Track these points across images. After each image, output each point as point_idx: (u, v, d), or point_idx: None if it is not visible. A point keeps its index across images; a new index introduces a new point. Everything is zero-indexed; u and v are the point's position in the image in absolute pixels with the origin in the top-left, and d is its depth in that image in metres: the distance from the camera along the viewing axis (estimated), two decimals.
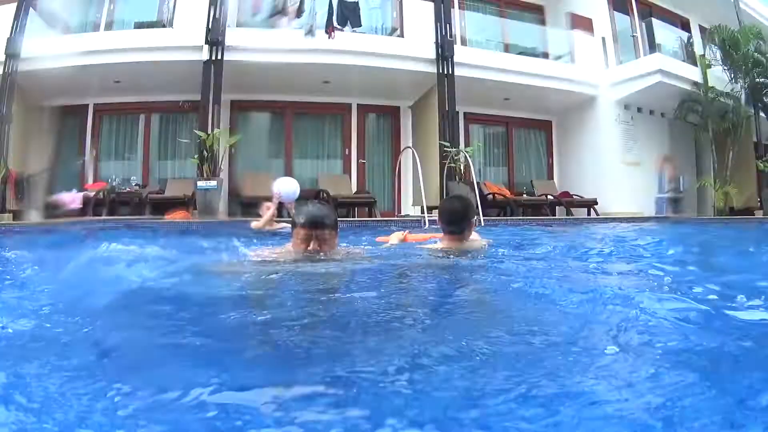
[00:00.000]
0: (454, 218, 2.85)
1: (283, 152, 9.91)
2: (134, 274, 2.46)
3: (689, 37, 11.31)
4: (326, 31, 8.29)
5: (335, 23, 8.43)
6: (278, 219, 5.36)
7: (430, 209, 7.24)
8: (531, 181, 10.84)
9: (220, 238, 3.82)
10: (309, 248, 2.36)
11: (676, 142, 11.03)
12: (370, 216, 8.63)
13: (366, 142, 10.27)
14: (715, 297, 1.82)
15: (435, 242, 2.99)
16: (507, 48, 10.37)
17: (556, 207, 9.88)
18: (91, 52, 7.82)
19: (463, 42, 9.63)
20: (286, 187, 5.31)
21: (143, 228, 6.13)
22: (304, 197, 5.68)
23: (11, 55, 7.78)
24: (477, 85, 9.28)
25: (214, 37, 7.86)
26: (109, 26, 8.80)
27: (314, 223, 2.35)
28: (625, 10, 10.97)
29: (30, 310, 1.68)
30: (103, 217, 7.51)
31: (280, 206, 5.51)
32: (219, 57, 7.89)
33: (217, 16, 7.92)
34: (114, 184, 8.75)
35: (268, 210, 5.17)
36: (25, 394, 0.97)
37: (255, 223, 5.19)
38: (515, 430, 0.85)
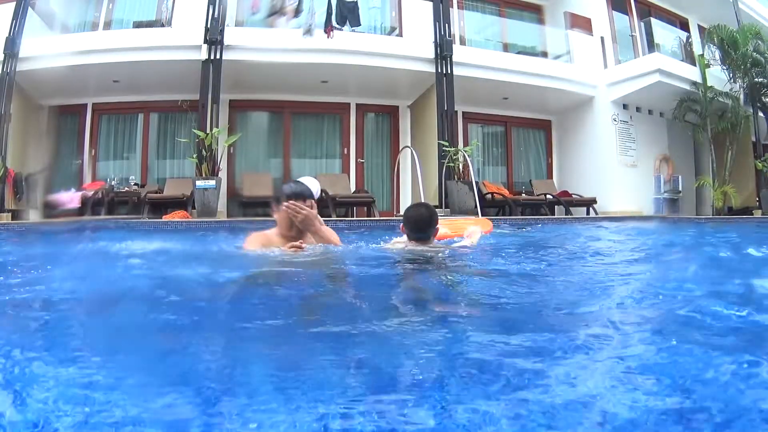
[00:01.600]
0: (421, 225, 2.85)
1: (281, 152, 9.90)
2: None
3: (688, 37, 11.31)
4: (325, 31, 8.29)
5: (334, 23, 8.43)
6: None
7: None
8: (530, 180, 10.85)
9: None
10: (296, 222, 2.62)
11: (675, 142, 11.04)
12: (369, 215, 8.63)
13: (365, 142, 10.27)
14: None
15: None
16: (506, 47, 10.38)
17: (555, 206, 9.89)
18: (89, 52, 7.82)
19: (462, 41, 9.62)
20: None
21: (142, 228, 6.13)
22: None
23: (10, 54, 7.77)
24: (476, 85, 9.28)
25: (213, 37, 7.85)
26: (107, 25, 8.79)
27: (296, 195, 2.64)
28: (624, 9, 10.97)
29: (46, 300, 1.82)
30: (101, 217, 7.50)
31: None
32: (218, 56, 7.88)
33: (215, 15, 7.91)
34: (112, 183, 8.74)
35: None
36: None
37: None
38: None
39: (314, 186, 5.38)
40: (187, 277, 2.27)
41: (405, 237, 3.02)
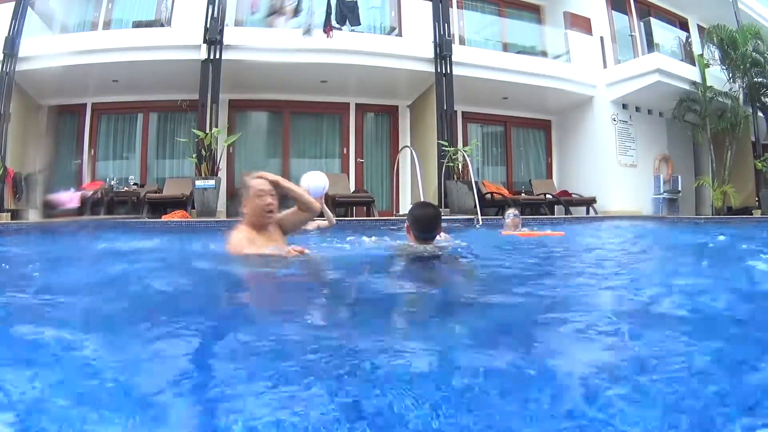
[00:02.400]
0: (429, 225, 2.83)
1: (281, 151, 9.90)
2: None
3: (687, 37, 11.31)
4: (324, 31, 8.28)
5: (333, 22, 8.42)
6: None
7: None
8: (529, 180, 10.85)
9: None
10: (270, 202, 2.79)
11: (674, 142, 11.04)
12: (369, 215, 8.63)
13: (364, 142, 10.27)
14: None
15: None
16: (505, 47, 10.37)
17: (555, 206, 9.88)
18: (89, 52, 7.82)
19: (462, 41, 9.62)
20: (315, 181, 5.10)
21: (141, 228, 6.13)
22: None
23: (9, 54, 7.77)
24: (475, 85, 9.28)
25: (212, 36, 7.84)
26: (107, 25, 8.78)
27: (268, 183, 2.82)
28: (624, 9, 10.97)
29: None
30: (100, 217, 7.50)
31: None
32: (217, 56, 7.88)
33: (215, 15, 7.91)
34: (111, 183, 8.73)
35: None
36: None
37: None
38: None
39: (321, 180, 5.29)
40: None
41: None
